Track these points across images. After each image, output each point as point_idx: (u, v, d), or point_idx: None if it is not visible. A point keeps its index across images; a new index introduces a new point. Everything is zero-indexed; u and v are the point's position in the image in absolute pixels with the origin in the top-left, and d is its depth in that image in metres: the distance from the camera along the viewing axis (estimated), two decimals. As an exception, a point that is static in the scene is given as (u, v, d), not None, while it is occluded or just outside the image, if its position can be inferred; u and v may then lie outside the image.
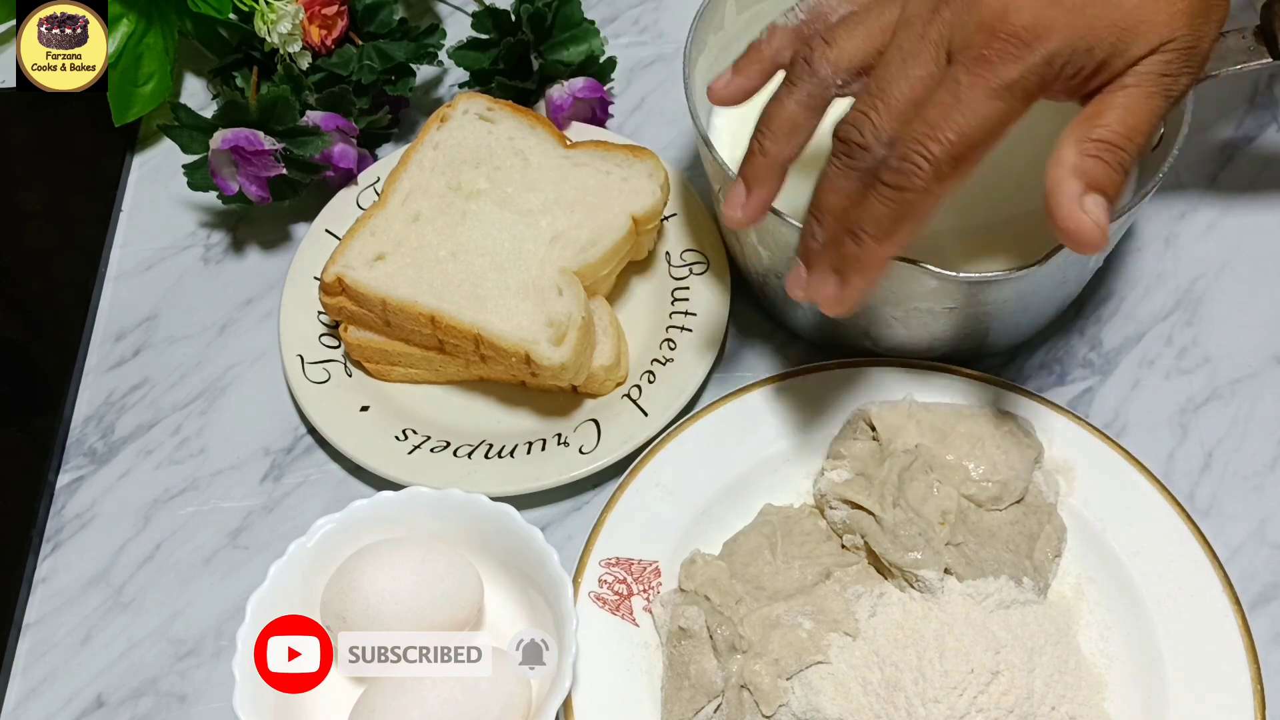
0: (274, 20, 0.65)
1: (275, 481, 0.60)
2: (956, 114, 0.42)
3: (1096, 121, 0.44)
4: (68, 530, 0.60)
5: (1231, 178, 0.68)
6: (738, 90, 0.50)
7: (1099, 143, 0.44)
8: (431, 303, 0.58)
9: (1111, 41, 0.43)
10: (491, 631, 0.53)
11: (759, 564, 0.53)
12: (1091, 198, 0.44)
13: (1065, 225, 0.44)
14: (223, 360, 0.65)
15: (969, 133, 0.42)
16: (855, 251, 0.45)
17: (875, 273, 0.46)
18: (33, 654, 0.56)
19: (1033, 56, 0.42)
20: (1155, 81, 0.44)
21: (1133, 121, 0.44)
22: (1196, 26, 0.44)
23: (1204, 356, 0.62)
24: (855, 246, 0.45)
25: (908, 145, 0.43)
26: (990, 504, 0.53)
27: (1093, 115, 0.44)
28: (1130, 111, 0.44)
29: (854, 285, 0.46)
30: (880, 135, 0.44)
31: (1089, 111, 0.44)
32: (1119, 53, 0.43)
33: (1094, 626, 0.52)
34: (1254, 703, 0.49)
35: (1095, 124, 0.44)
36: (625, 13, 0.77)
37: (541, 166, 0.62)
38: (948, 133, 0.42)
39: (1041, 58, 0.42)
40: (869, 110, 0.44)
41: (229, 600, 0.57)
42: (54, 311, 0.67)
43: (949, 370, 0.58)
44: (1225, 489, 0.58)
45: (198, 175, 0.65)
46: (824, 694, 0.48)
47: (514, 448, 0.58)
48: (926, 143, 0.43)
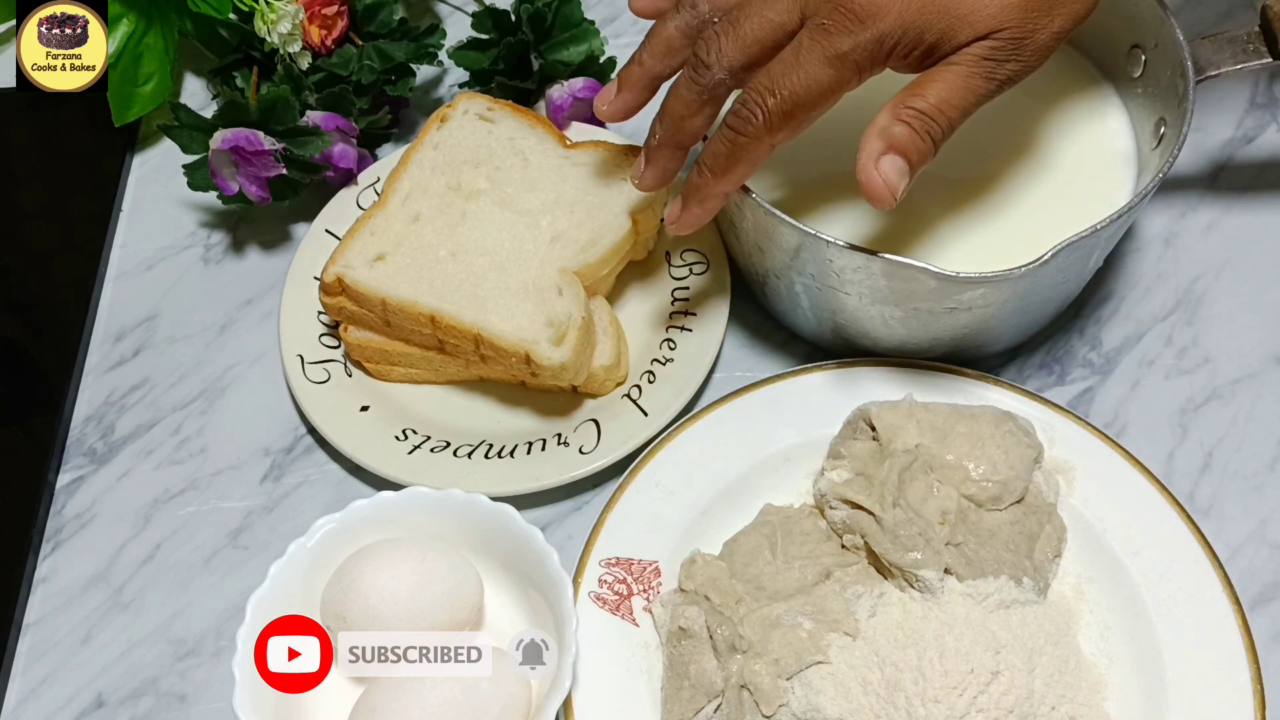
0: (274, 20, 0.65)
1: (275, 481, 0.60)
2: (794, 73, 0.47)
3: (915, 92, 0.48)
4: (68, 530, 0.60)
5: (1231, 178, 0.68)
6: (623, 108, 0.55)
7: (910, 109, 0.48)
8: (431, 303, 0.58)
9: (942, 26, 0.46)
10: (491, 631, 0.53)
11: (759, 564, 0.53)
12: (889, 158, 0.48)
13: (859, 179, 0.48)
14: (223, 360, 0.65)
15: (800, 93, 0.47)
16: (697, 181, 0.52)
17: (712, 203, 0.52)
18: (33, 654, 0.56)
19: (865, 33, 0.46)
20: (978, 64, 0.47)
21: (948, 95, 0.48)
22: (1030, 19, 0.47)
23: (1204, 356, 0.62)
24: (698, 177, 0.52)
25: (749, 94, 0.48)
26: (990, 504, 0.53)
27: (914, 86, 0.48)
28: (949, 86, 0.48)
29: (692, 210, 0.53)
30: (722, 60, 0.49)
31: (913, 84, 0.48)
32: (948, 38, 0.47)
33: (1094, 626, 0.52)
34: (1254, 703, 0.49)
35: (913, 94, 0.48)
36: (625, 13, 0.77)
37: (541, 166, 0.62)
38: (783, 89, 0.47)
39: (874, 35, 0.46)
40: (721, 34, 0.50)
41: (229, 600, 0.57)
42: (54, 311, 0.67)
43: (949, 370, 0.58)
44: (1225, 489, 0.58)
45: (198, 175, 0.65)
46: (824, 694, 0.48)
47: (514, 448, 0.58)
48: (765, 95, 0.48)
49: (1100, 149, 0.61)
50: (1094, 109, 0.62)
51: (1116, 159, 0.60)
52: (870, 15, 0.46)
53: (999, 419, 0.55)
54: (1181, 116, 0.54)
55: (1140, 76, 0.60)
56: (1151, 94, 0.59)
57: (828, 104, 0.48)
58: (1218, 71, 0.56)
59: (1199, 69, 0.56)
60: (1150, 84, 0.59)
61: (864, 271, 0.53)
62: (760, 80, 0.48)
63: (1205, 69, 0.56)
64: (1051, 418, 0.56)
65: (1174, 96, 0.56)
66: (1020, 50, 0.47)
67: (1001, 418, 0.55)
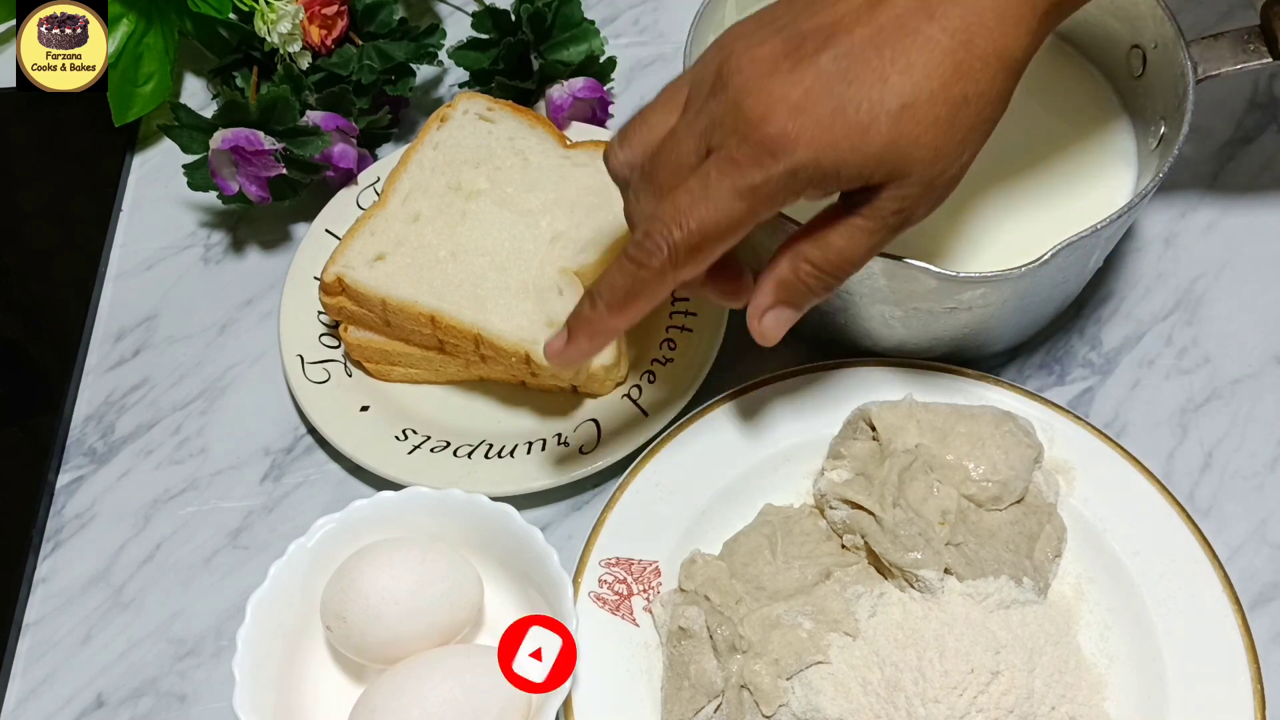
0: (274, 20, 0.65)
1: (275, 481, 0.60)
2: (702, 206, 0.44)
3: (818, 241, 0.46)
4: (68, 530, 0.60)
5: (1231, 178, 0.68)
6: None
7: (810, 265, 0.46)
8: (431, 303, 0.58)
9: (855, 166, 0.43)
10: (491, 631, 0.53)
11: (759, 564, 0.53)
12: (776, 313, 0.48)
13: (747, 320, 0.48)
14: (223, 360, 0.65)
15: (709, 227, 0.44)
16: (589, 315, 0.47)
17: (603, 340, 0.48)
18: (33, 654, 0.56)
19: (777, 166, 0.43)
20: (887, 218, 0.45)
21: (850, 250, 0.46)
22: (942, 160, 0.44)
23: (1204, 356, 0.62)
24: (590, 310, 0.47)
25: (653, 225, 0.44)
26: (990, 504, 0.53)
27: (818, 233, 0.46)
28: (853, 241, 0.46)
29: (580, 345, 0.48)
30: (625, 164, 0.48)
31: (817, 225, 0.47)
32: (860, 177, 0.44)
33: (1094, 626, 0.52)
34: (1254, 703, 0.49)
35: (816, 243, 0.46)
36: (625, 13, 0.77)
37: (541, 166, 0.62)
38: (690, 222, 0.44)
39: (785, 169, 0.43)
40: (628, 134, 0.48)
41: (229, 600, 0.57)
42: (54, 311, 0.67)
43: (949, 370, 0.58)
44: (1225, 489, 0.58)
45: (198, 175, 0.65)
46: (824, 694, 0.48)
47: (514, 448, 0.58)
48: (671, 227, 0.44)
49: (1100, 149, 0.60)
50: (1094, 109, 0.62)
51: (1116, 159, 0.60)
52: (781, 148, 0.43)
53: (999, 419, 0.55)
54: (1181, 116, 0.54)
55: (1140, 76, 0.60)
56: (1151, 94, 0.59)
57: (736, 238, 0.45)
58: (1218, 71, 0.56)
59: (1199, 69, 0.56)
60: (1150, 84, 0.59)
61: (864, 271, 0.53)
62: (665, 210, 0.44)
63: (1205, 69, 0.56)
64: (1051, 418, 0.56)
65: (1174, 96, 0.56)
66: (929, 194, 0.45)
67: (1001, 418, 0.55)
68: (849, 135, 0.43)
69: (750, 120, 0.43)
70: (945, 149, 0.44)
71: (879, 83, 0.43)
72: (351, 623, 0.49)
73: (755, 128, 0.43)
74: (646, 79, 0.74)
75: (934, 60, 0.43)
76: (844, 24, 0.44)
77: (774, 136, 0.43)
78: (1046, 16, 0.44)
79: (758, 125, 0.43)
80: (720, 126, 0.44)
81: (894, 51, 0.43)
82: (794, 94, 0.43)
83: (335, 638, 0.50)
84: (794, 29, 0.44)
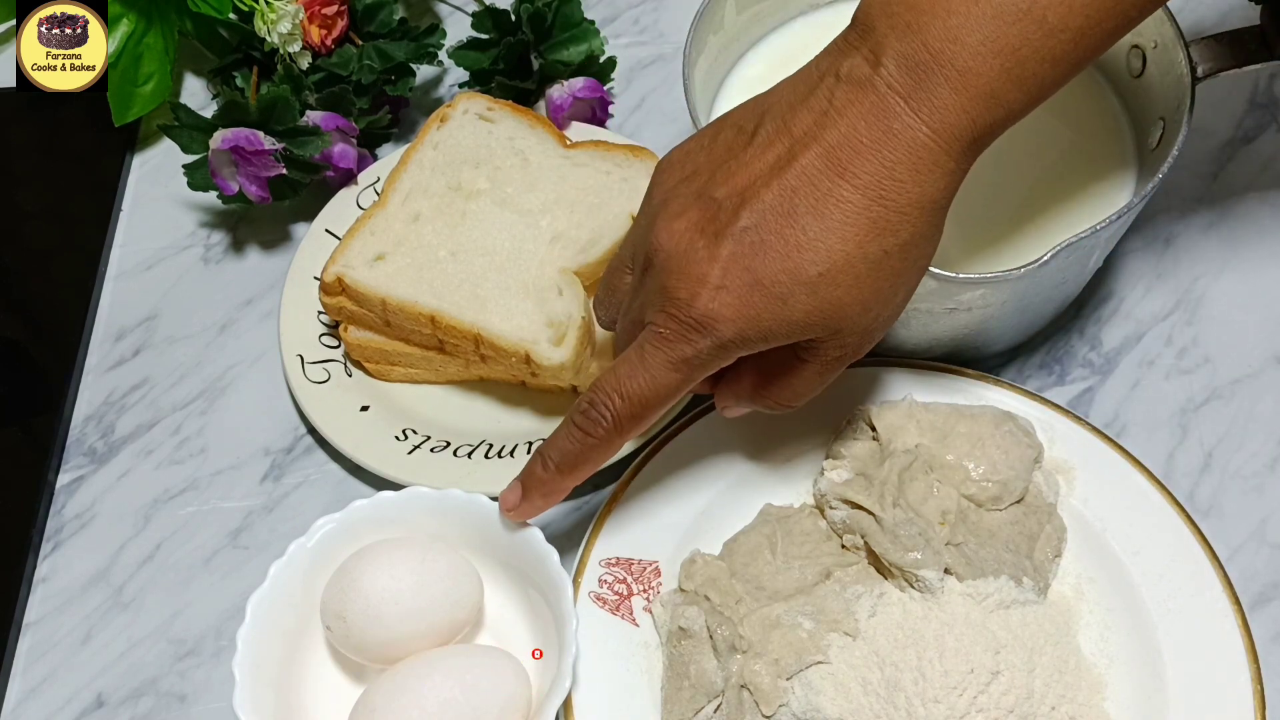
0: (274, 20, 0.65)
1: (275, 481, 0.60)
2: (639, 376, 0.46)
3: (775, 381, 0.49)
4: (68, 530, 0.60)
5: (1231, 178, 0.68)
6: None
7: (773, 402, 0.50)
8: (431, 303, 0.58)
9: (782, 334, 0.45)
10: (492, 631, 0.53)
11: (759, 564, 0.53)
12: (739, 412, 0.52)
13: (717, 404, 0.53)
14: (223, 360, 0.65)
15: (648, 395, 0.46)
16: (542, 476, 0.50)
17: (555, 498, 0.50)
18: (33, 654, 0.56)
19: (704, 341, 0.45)
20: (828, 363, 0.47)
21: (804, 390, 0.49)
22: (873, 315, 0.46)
23: (1204, 356, 0.62)
24: (542, 471, 0.50)
25: (596, 394, 0.47)
26: (990, 504, 0.53)
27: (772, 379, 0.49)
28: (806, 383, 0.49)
29: (534, 503, 0.50)
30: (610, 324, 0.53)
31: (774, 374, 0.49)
32: (791, 337, 0.46)
33: (1094, 626, 0.52)
34: (1254, 703, 0.49)
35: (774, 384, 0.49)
36: (625, 13, 0.77)
37: (541, 166, 0.62)
38: (630, 392, 0.47)
39: (712, 344, 0.45)
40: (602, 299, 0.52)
41: (229, 600, 0.57)
42: (54, 311, 0.67)
43: (949, 370, 0.58)
44: (1225, 489, 0.58)
45: (198, 175, 0.65)
46: (824, 694, 0.48)
47: (514, 448, 0.58)
48: (613, 396, 0.47)
49: (1100, 149, 0.60)
50: (1094, 109, 0.62)
51: (1116, 159, 0.60)
52: (706, 326, 0.44)
53: (999, 419, 0.55)
54: (1181, 116, 0.54)
55: (1140, 76, 0.60)
56: (1151, 94, 0.59)
57: (676, 400, 0.48)
58: (1218, 72, 0.56)
59: (1199, 69, 0.56)
60: (1150, 84, 0.59)
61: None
62: (607, 380, 0.47)
63: (1205, 69, 0.56)
64: (1051, 418, 0.56)
65: (1174, 96, 0.56)
66: (870, 335, 0.47)
67: (1001, 418, 0.55)
68: (769, 307, 0.44)
69: (675, 301, 0.45)
70: (872, 301, 0.45)
71: (794, 252, 0.43)
72: (351, 623, 0.49)
73: (681, 309, 0.45)
74: (646, 79, 0.74)
75: (848, 220, 0.43)
76: (753, 189, 0.44)
77: (699, 317, 0.44)
78: (963, 156, 0.44)
79: (684, 307, 0.45)
80: (650, 306, 0.46)
81: (807, 217, 0.43)
82: (713, 274, 0.44)
83: (335, 638, 0.50)
84: (709, 195, 0.45)
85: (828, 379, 0.49)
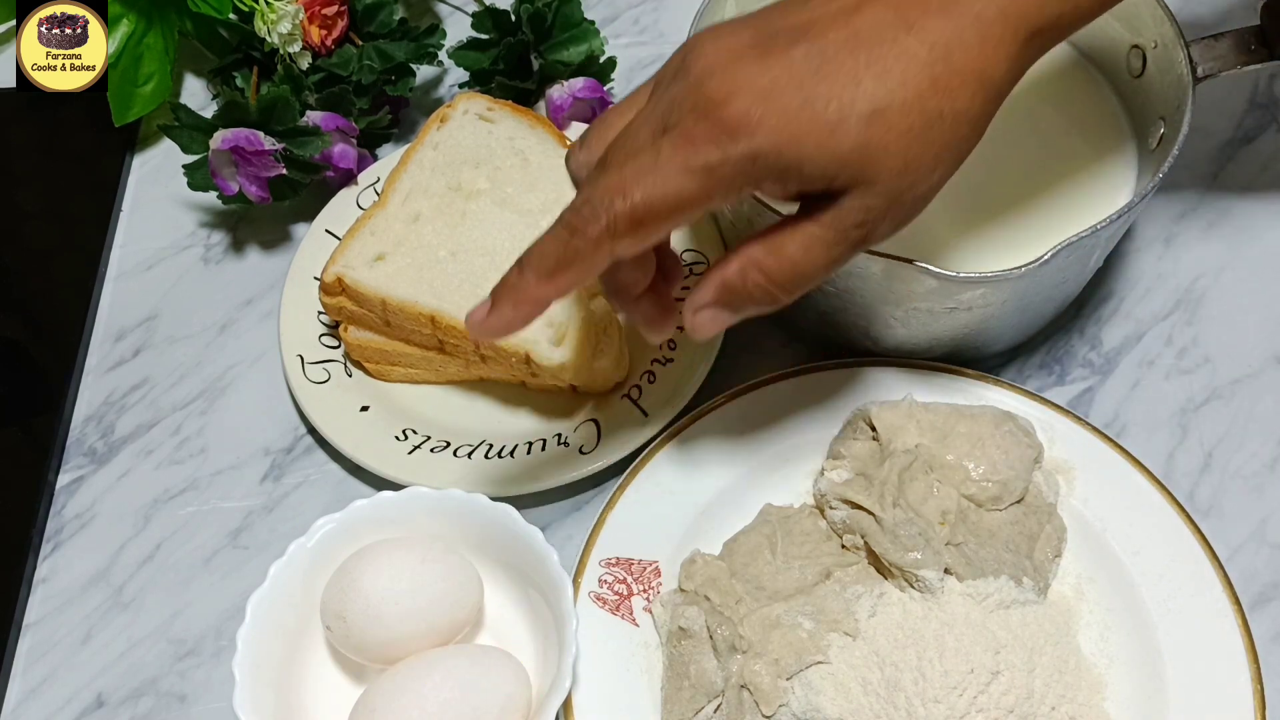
0: (274, 20, 0.65)
1: (275, 481, 0.60)
2: (650, 178, 0.41)
3: (772, 247, 0.43)
4: (68, 530, 0.60)
5: (1231, 178, 0.68)
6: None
7: (763, 274, 0.43)
8: (431, 303, 0.58)
9: (819, 164, 0.41)
10: (491, 631, 0.53)
11: (759, 564, 0.53)
12: (713, 312, 0.45)
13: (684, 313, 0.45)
14: (223, 360, 0.65)
15: (655, 202, 0.41)
16: (515, 282, 0.44)
17: (528, 310, 0.44)
18: (33, 654, 0.56)
19: (735, 148, 0.41)
20: (849, 232, 0.43)
21: (806, 263, 0.43)
22: (910, 180, 0.42)
23: (1204, 356, 0.62)
24: (516, 277, 0.44)
25: (594, 191, 0.42)
26: (990, 504, 0.53)
27: (776, 240, 0.43)
28: (810, 252, 0.43)
29: (502, 313, 0.44)
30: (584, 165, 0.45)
31: (773, 230, 0.44)
32: (824, 177, 0.41)
33: (1094, 626, 0.52)
34: (1254, 703, 0.49)
35: (769, 250, 0.43)
36: (625, 13, 0.77)
37: (541, 166, 0.62)
38: (634, 194, 0.41)
39: (744, 152, 0.41)
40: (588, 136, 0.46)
41: (229, 600, 0.57)
42: (54, 311, 0.67)
43: (949, 370, 0.58)
44: (1225, 489, 0.58)
45: (198, 175, 0.65)
46: (824, 694, 0.48)
47: (514, 448, 0.58)
48: (614, 196, 0.41)
49: (1100, 149, 0.61)
50: (1094, 109, 0.62)
51: (1116, 159, 0.60)
52: (742, 130, 0.40)
53: (999, 419, 0.55)
54: (1181, 116, 0.54)
55: (1140, 76, 0.60)
56: (1151, 94, 0.59)
57: (684, 220, 0.42)
58: (1218, 72, 0.56)
59: (1199, 69, 0.56)
60: (1150, 84, 0.59)
61: (864, 271, 0.53)
62: (610, 179, 0.42)
63: (1205, 69, 0.56)
64: (1051, 418, 0.56)
65: (1174, 96, 0.56)
66: (894, 209, 0.43)
67: (1001, 418, 0.55)
68: (815, 131, 0.41)
69: (712, 99, 0.41)
70: (916, 162, 0.42)
71: (851, 83, 0.41)
72: (351, 623, 0.49)
73: (716, 107, 0.41)
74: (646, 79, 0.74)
75: (910, 71, 0.41)
76: (818, 26, 0.42)
77: (735, 117, 0.40)
78: (1028, 44, 0.43)
79: (719, 105, 0.41)
80: (678, 107, 0.42)
81: (869, 56, 0.41)
82: (761, 80, 0.41)
83: (335, 638, 0.50)
84: (766, 27, 0.43)
85: (833, 258, 0.44)
